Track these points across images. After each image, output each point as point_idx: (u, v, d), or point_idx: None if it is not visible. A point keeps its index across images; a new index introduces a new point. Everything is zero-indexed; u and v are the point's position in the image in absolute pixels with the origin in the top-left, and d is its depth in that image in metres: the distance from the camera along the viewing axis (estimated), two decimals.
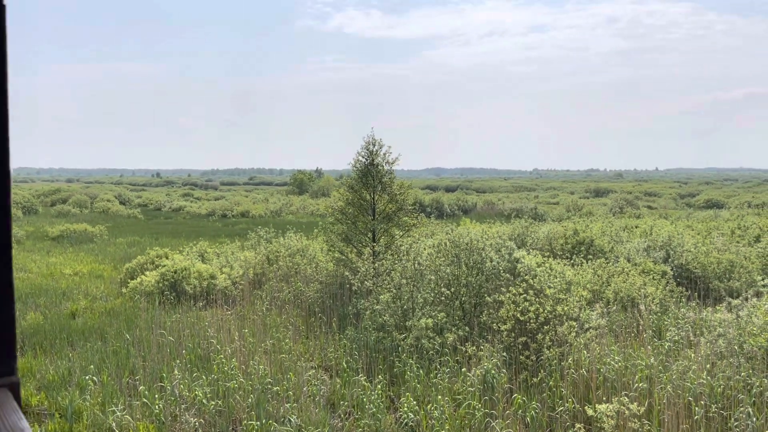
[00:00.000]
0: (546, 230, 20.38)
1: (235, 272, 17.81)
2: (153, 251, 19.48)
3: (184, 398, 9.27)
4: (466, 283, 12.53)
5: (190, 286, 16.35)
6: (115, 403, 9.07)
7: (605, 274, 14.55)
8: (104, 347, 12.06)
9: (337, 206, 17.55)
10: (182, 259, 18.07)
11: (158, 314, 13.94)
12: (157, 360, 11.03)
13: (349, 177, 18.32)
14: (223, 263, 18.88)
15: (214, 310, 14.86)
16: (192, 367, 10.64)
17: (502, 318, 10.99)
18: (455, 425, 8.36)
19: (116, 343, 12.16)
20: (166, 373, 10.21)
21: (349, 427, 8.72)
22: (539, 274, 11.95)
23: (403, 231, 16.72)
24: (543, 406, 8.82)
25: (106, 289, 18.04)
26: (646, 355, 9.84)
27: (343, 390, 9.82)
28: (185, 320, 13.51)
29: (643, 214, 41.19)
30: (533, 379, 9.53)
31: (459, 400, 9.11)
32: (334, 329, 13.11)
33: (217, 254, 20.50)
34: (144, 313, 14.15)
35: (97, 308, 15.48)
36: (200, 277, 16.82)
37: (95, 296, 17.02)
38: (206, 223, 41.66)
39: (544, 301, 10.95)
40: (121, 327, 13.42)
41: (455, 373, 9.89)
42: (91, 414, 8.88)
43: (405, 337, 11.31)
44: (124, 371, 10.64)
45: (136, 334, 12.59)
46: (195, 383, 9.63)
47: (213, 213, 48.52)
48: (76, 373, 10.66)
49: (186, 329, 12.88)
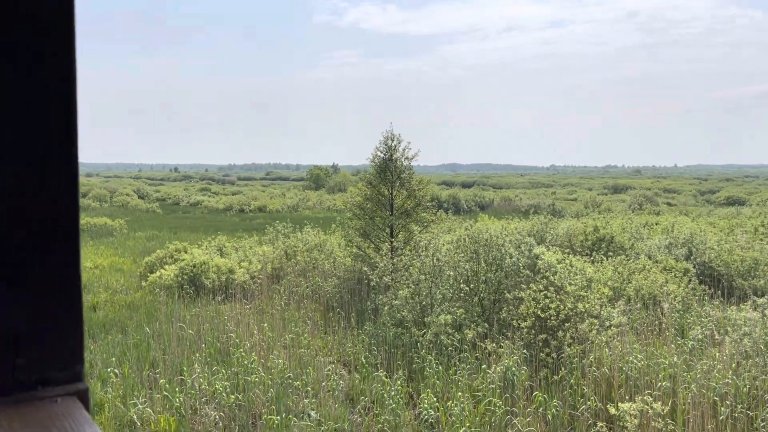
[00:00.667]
0: (565, 227, 20.20)
1: (253, 267, 17.88)
2: (172, 245, 19.61)
3: (204, 392, 9.32)
4: (485, 279, 12.45)
5: (209, 280, 16.44)
6: (137, 396, 9.13)
7: (626, 272, 14.39)
8: (125, 340, 12.16)
9: (355, 201, 17.53)
10: (201, 253, 18.18)
11: (178, 308, 14.03)
12: (177, 353, 11.10)
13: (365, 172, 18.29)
14: (242, 258, 18.95)
15: (233, 304, 14.92)
16: (212, 361, 10.69)
17: (522, 315, 10.91)
18: (475, 422, 8.31)
19: (137, 336, 12.26)
20: (186, 367, 10.27)
21: (368, 422, 8.70)
22: (559, 270, 11.84)
23: (421, 227, 16.66)
24: (564, 404, 8.74)
25: (126, 282, 18.20)
26: (669, 353, 9.71)
27: (362, 385, 9.81)
28: (204, 314, 13.58)
29: (662, 210, 40.71)
30: (554, 376, 9.45)
31: (479, 397, 9.05)
32: (352, 324, 13.10)
33: (235, 249, 20.59)
34: (164, 306, 14.25)
35: (117, 301, 15.62)
36: (219, 271, 16.90)
37: (116, 289, 17.17)
38: (224, 218, 41.90)
39: (564, 298, 10.84)
40: (142, 320, 13.53)
41: (475, 370, 9.84)
42: (112, 406, 8.95)
43: (424, 333, 11.27)
44: (144, 364, 10.72)
45: (156, 327, 12.68)
46: (215, 377, 9.67)
47: (230, 208, 48.77)
48: (98, 365, 10.76)
49: (205, 323, 12.95)
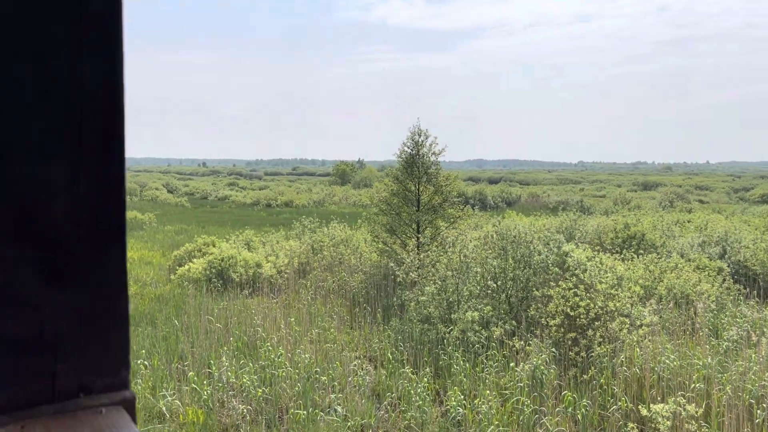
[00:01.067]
0: (595, 224, 19.89)
1: (280, 261, 17.97)
2: (200, 239, 19.81)
3: (232, 385, 9.38)
4: (513, 276, 12.31)
5: (236, 274, 16.57)
6: (165, 388, 9.23)
7: (657, 270, 14.11)
8: (154, 332, 12.31)
9: (381, 197, 17.49)
10: (229, 247, 18.33)
11: (206, 301, 14.17)
12: (205, 346, 11.20)
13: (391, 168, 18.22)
14: (269, 252, 19.07)
15: (260, 298, 15.01)
16: (239, 354, 10.76)
17: (550, 313, 10.76)
18: (503, 420, 8.21)
19: (165, 329, 12.40)
20: (213, 360, 10.35)
21: (394, 419, 8.67)
22: (589, 268, 11.65)
23: (448, 223, 16.55)
24: (593, 403, 8.59)
25: (155, 275, 18.44)
26: (702, 354, 9.49)
27: (388, 381, 9.77)
28: (232, 308, 13.69)
29: (694, 208, 39.89)
30: (583, 376, 9.30)
31: (506, 395, 8.95)
32: (378, 320, 13.08)
33: (262, 243, 20.73)
34: (192, 299, 14.39)
35: (147, 294, 15.83)
36: (246, 265, 17.02)
37: (145, 282, 17.41)
38: (251, 212, 42.24)
39: (594, 296, 10.66)
40: (170, 313, 13.68)
41: (502, 368, 9.74)
42: (142, 398, 9.06)
43: (450, 329, 11.19)
44: (173, 356, 10.84)
45: (185, 320, 12.82)
46: (242, 370, 9.73)
47: (257, 202, 49.15)
48: None
49: (233, 316, 13.05)
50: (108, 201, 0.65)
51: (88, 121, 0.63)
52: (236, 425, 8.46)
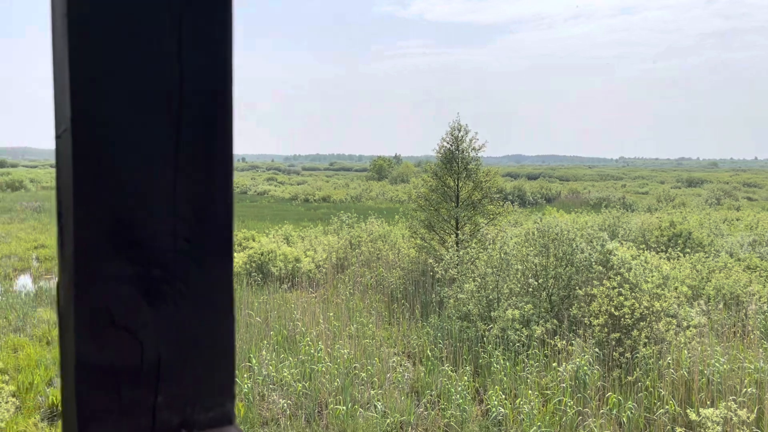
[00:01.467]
0: (638, 221, 19.41)
1: (318, 256, 18.06)
2: (240, 233, 20.05)
3: (272, 379, 9.45)
4: (554, 274, 12.09)
5: (275, 268, 16.71)
6: None
7: (705, 270, 13.68)
8: None
9: (420, 193, 17.40)
10: (268, 241, 18.50)
11: (246, 295, 14.32)
12: (245, 340, 11.31)
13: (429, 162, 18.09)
14: (307, 247, 19.18)
15: (299, 292, 15.11)
16: (279, 348, 10.84)
17: (593, 312, 10.53)
18: (545, 421, 8.07)
19: None
20: (254, 353, 10.44)
21: (433, 416, 8.60)
22: (634, 267, 11.36)
23: (487, 219, 16.36)
24: (639, 406, 8.37)
25: None
26: (754, 357, 9.15)
27: (427, 378, 9.71)
28: (272, 302, 13.80)
29: (742, 206, 38.62)
30: (628, 377, 9.07)
31: (548, 395, 8.80)
32: (416, 316, 13.01)
33: (301, 238, 20.86)
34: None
35: None
36: (285, 259, 17.16)
37: None
38: (289, 207, 42.61)
39: (639, 295, 10.39)
40: None
41: (544, 368, 9.57)
42: None
43: (490, 327, 11.06)
44: None
45: None
46: (282, 364, 9.80)
47: (296, 197, 49.55)
48: None
49: (273, 310, 13.16)
50: (212, 208, 0.57)
51: (190, 117, 0.56)
52: (276, 419, 8.51)
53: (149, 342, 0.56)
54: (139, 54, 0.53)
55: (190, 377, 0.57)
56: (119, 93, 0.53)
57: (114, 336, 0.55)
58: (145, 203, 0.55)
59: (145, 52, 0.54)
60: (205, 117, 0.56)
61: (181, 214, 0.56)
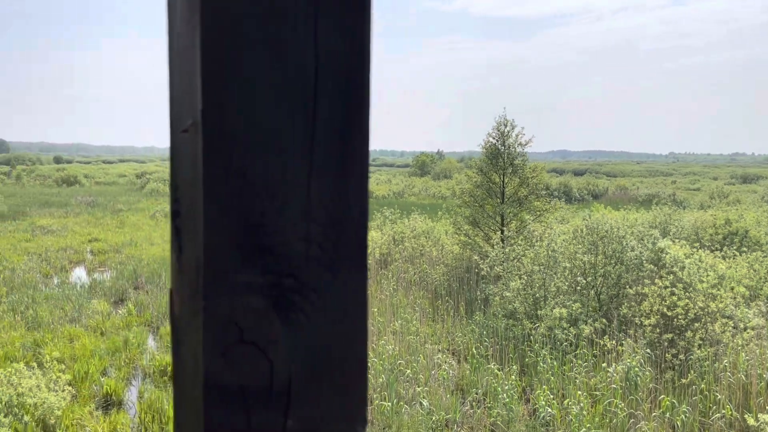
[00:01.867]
0: (691, 219, 18.81)
1: None
2: None
3: None
4: (603, 272, 11.81)
5: None
6: None
7: (763, 269, 13.16)
8: None
9: (464, 188, 17.25)
10: None
11: None
12: None
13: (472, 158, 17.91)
14: None
15: None
16: None
17: (644, 312, 10.25)
18: (594, 423, 7.89)
19: None
20: None
21: (479, 415, 8.51)
22: (687, 266, 11.00)
23: (533, 216, 16.11)
24: (694, 410, 8.11)
25: None
26: None
27: (473, 376, 9.62)
28: None
29: None
30: (681, 380, 8.79)
31: (597, 396, 8.60)
32: (461, 313, 12.92)
33: None
34: None
35: None
36: None
37: None
38: None
39: (693, 295, 10.06)
40: None
41: (592, 368, 9.37)
42: None
43: (536, 326, 10.89)
44: None
45: None
46: None
47: None
48: None
49: None
50: (347, 211, 0.52)
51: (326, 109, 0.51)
52: None
53: (279, 360, 0.51)
54: (274, 39, 0.49)
55: (322, 400, 0.52)
56: (252, 82, 0.49)
57: (243, 353, 0.50)
58: (277, 204, 0.50)
59: (280, 37, 0.49)
60: (342, 109, 0.51)
61: (315, 217, 0.51)
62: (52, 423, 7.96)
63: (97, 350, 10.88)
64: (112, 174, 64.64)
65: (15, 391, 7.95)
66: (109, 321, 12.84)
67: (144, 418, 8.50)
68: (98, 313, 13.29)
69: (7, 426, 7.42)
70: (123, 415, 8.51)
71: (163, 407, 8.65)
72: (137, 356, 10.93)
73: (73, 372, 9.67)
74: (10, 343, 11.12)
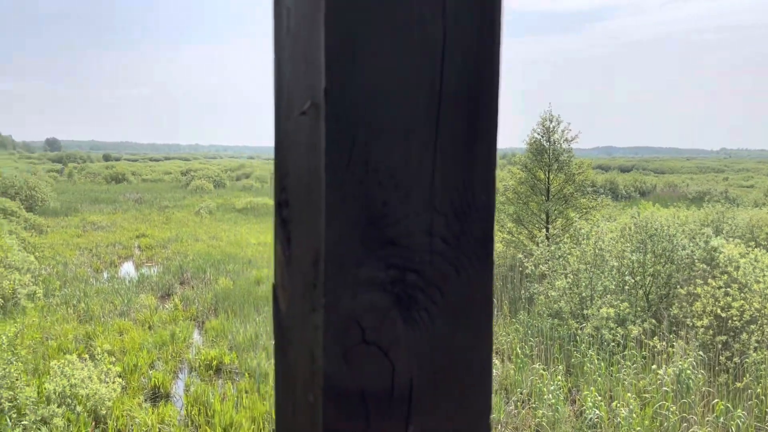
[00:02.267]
0: (746, 217, 18.13)
1: None
2: None
3: None
4: (653, 272, 11.47)
5: None
6: None
7: None
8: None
9: (507, 185, 17.02)
10: None
11: None
12: None
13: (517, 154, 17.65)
14: None
15: None
16: None
17: (697, 313, 9.91)
18: (643, 426, 7.66)
19: None
20: None
21: (524, 415, 8.38)
22: (743, 266, 10.58)
23: (580, 213, 15.78)
24: (749, 415, 7.79)
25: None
26: None
27: (517, 376, 9.47)
28: None
29: None
30: (736, 383, 8.47)
31: (647, 399, 8.35)
32: (504, 312, 12.75)
33: None
34: None
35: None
36: None
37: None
38: None
39: (749, 296, 9.67)
40: None
41: (642, 370, 9.10)
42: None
43: (583, 326, 10.65)
44: None
45: None
46: None
47: None
48: (262, 336, 11.42)
49: None
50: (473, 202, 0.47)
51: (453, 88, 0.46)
52: None
53: (401, 362, 0.47)
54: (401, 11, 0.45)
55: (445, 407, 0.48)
56: (377, 60, 0.45)
57: (364, 354, 0.46)
58: (400, 194, 0.46)
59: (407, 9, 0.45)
60: (470, 89, 0.47)
61: (439, 207, 0.47)
62: (103, 414, 8.18)
63: (145, 343, 11.13)
64: (158, 171, 66.21)
65: (68, 381, 8.19)
66: (157, 315, 13.13)
67: (190, 411, 8.65)
68: (146, 307, 13.61)
69: (61, 416, 7.65)
70: (170, 408, 8.68)
71: (209, 400, 8.78)
72: (183, 350, 11.15)
73: (122, 364, 9.92)
74: (63, 335, 11.48)
